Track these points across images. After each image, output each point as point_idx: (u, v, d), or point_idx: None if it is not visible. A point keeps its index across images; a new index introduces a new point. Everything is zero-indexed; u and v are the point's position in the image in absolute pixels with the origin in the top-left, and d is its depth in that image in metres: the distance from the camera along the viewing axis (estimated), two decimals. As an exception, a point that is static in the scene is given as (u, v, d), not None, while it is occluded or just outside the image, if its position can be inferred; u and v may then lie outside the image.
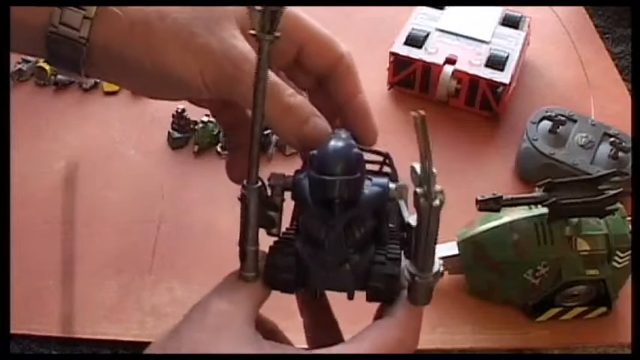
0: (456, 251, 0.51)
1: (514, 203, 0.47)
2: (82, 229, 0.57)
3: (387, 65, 0.69)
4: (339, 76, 0.36)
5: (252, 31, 0.27)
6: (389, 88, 0.70)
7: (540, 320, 0.51)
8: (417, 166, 0.27)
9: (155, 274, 0.55)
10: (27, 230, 0.56)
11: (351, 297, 0.31)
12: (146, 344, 0.30)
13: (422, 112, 0.26)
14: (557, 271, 0.48)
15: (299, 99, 0.33)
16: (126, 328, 0.51)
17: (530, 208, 0.49)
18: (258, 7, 0.27)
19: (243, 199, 0.30)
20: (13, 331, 0.50)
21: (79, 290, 0.53)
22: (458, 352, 0.50)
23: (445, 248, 0.51)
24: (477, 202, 0.47)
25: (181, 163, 0.64)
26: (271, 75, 0.32)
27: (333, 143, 0.30)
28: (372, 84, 0.70)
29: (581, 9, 0.82)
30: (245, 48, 0.32)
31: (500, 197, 0.46)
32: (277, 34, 0.27)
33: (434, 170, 0.27)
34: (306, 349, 0.33)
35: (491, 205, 0.46)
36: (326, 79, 0.36)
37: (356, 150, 0.30)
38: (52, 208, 0.59)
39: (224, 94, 0.33)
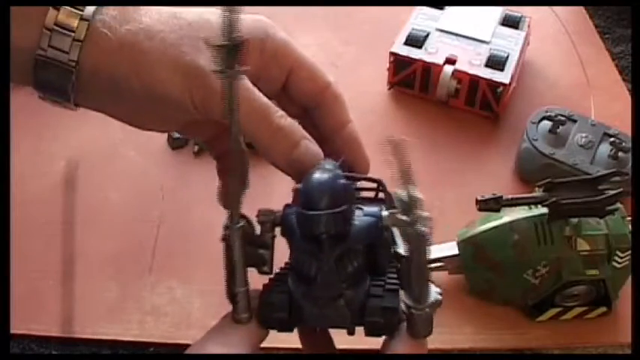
0: (456, 251, 0.51)
1: (514, 203, 0.47)
2: (82, 229, 0.57)
3: (387, 65, 0.69)
4: (326, 105, 0.35)
5: (215, 68, 0.26)
6: (389, 88, 0.70)
7: (540, 320, 0.51)
8: (401, 193, 0.26)
9: (155, 274, 0.55)
10: (27, 230, 0.56)
11: (351, 332, 0.30)
12: (146, 344, 0.30)
13: (394, 138, 0.25)
14: (557, 271, 0.48)
15: (289, 121, 0.32)
16: (126, 328, 0.51)
17: (530, 208, 0.49)
18: (219, 43, 0.26)
19: (226, 240, 0.29)
20: (13, 331, 0.50)
21: (79, 290, 0.53)
22: (458, 352, 0.50)
23: (445, 248, 0.51)
24: (477, 202, 0.47)
25: (181, 163, 0.64)
26: (261, 96, 0.32)
27: (317, 176, 0.29)
28: (372, 84, 0.69)
29: (581, 9, 0.82)
30: None
31: (500, 197, 0.46)
32: (245, 68, 0.26)
33: (419, 195, 0.25)
34: None
35: (491, 205, 0.46)
36: (313, 108, 0.36)
37: (342, 181, 0.29)
38: (52, 208, 0.59)
39: (213, 113, 0.32)
